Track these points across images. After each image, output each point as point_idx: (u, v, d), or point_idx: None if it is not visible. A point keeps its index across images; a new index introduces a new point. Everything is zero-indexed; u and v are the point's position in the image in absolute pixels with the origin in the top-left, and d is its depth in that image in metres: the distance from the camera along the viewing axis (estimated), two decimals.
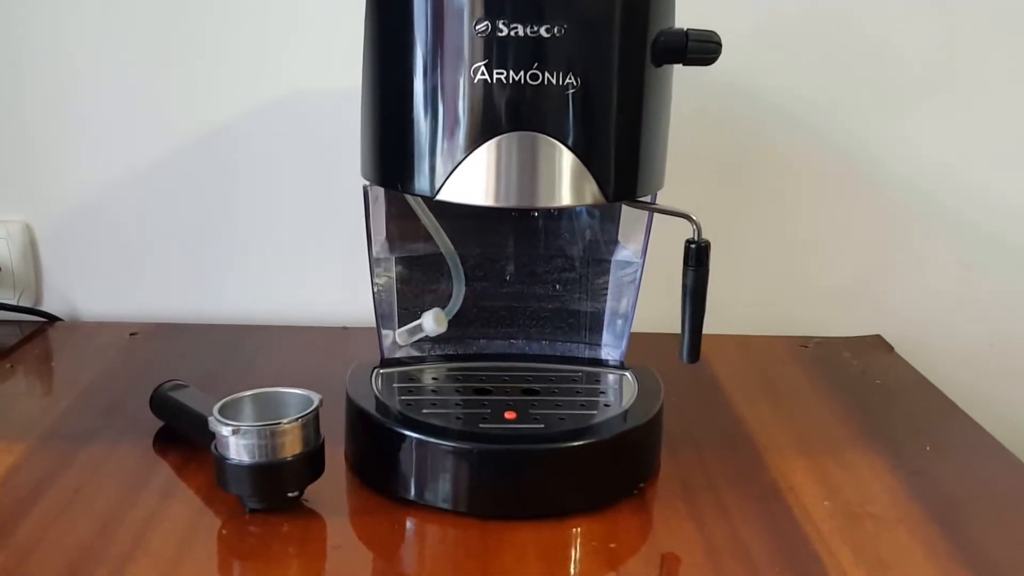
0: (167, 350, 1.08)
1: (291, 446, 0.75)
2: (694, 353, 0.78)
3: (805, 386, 1.03)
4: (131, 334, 1.11)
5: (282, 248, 1.15)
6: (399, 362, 0.89)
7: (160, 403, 0.88)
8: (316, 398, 0.77)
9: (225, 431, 0.73)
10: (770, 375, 1.06)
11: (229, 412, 0.76)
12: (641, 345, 0.92)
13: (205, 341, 1.10)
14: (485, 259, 0.92)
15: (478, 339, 0.94)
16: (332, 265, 1.15)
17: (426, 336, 0.90)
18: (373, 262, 0.86)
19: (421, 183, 0.73)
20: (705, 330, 0.77)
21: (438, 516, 0.76)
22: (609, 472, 0.78)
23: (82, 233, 1.14)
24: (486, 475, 0.76)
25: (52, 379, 1.03)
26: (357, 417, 0.82)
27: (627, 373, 0.88)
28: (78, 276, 1.16)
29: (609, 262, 0.90)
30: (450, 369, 0.89)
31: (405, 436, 0.77)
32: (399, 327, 0.91)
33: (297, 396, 0.78)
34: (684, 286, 0.77)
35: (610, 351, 0.91)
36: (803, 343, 1.15)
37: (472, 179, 0.71)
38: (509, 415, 0.80)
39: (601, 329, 0.92)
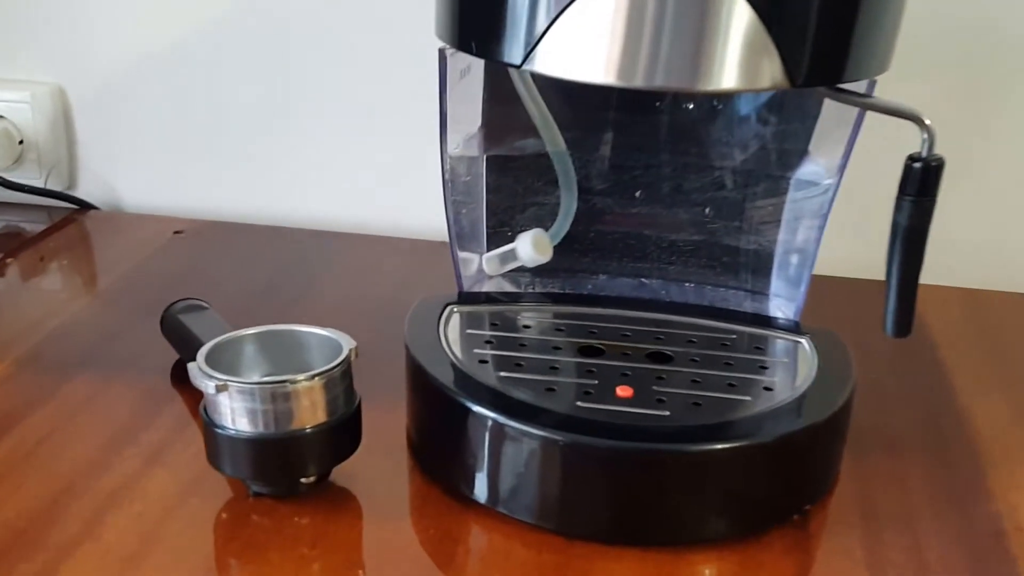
0: (214, 254, 0.87)
1: (309, 413, 0.53)
2: (904, 323, 0.52)
3: None
4: (176, 232, 0.91)
5: (355, 137, 0.92)
6: (483, 299, 0.66)
7: (171, 328, 0.68)
8: (348, 345, 0.55)
9: (209, 387, 0.51)
10: (1011, 351, 0.77)
11: (225, 358, 0.54)
12: (821, 295, 0.65)
13: (261, 246, 0.89)
14: (609, 165, 0.67)
15: (594, 275, 0.70)
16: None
17: (522, 267, 0.66)
18: (450, 161, 0.62)
19: (508, 46, 0.48)
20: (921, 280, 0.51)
21: (510, 528, 0.53)
22: (760, 489, 0.54)
23: (127, 104, 0.94)
24: (578, 479, 0.52)
25: (75, 277, 0.84)
26: (414, 375, 0.59)
27: (803, 340, 0.62)
28: (120, 156, 0.97)
29: (789, 180, 0.64)
30: (552, 315, 0.65)
31: (470, 410, 0.54)
32: (487, 251, 0.67)
33: (323, 339, 0.56)
34: (896, 224, 0.50)
35: (781, 305, 0.65)
36: None
37: (584, 43, 0.46)
38: (622, 392, 0.55)
39: (769, 273, 0.66)
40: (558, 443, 0.51)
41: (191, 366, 0.52)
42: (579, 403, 0.54)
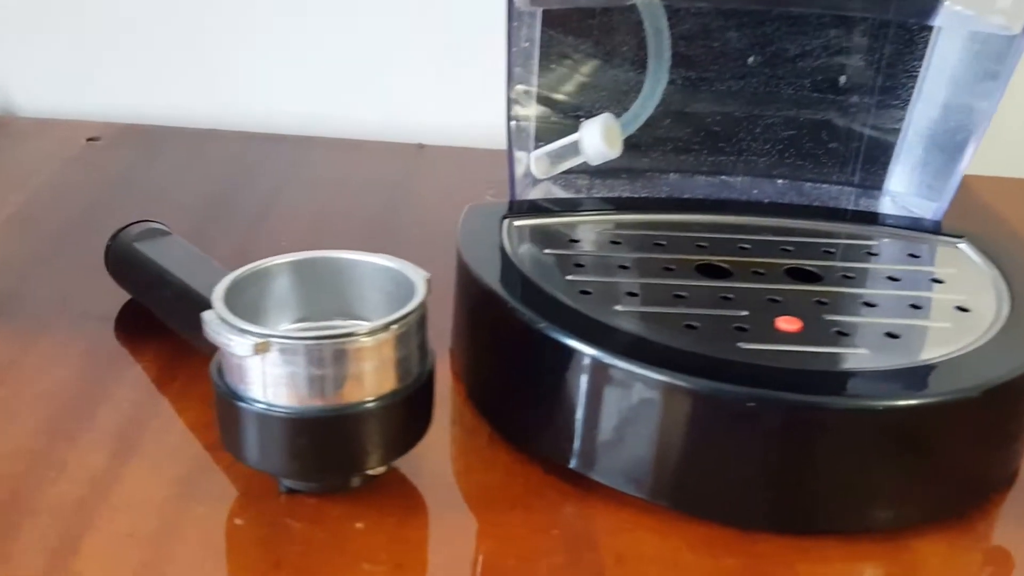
0: (144, 168, 0.68)
1: (377, 379, 0.36)
2: None
3: None
4: (89, 139, 0.72)
5: (308, 19, 0.74)
6: (541, 208, 0.50)
7: (123, 263, 0.49)
8: (420, 279, 0.38)
9: (243, 345, 0.34)
10: None
11: (241, 302, 0.37)
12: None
13: (201, 156, 0.71)
14: (698, 27, 0.52)
15: (663, 175, 0.55)
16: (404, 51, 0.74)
17: (578, 167, 0.50)
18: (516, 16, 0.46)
19: None
20: None
21: (659, 522, 0.39)
22: (993, 445, 0.40)
23: None
24: (775, 451, 0.38)
25: None
26: (485, 316, 0.43)
27: (963, 244, 0.49)
28: (7, 49, 0.76)
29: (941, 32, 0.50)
30: (639, 226, 0.49)
31: (595, 361, 0.38)
32: (534, 147, 0.51)
33: (376, 270, 0.39)
34: None
35: (921, 203, 0.52)
36: None
37: None
38: (786, 324, 0.41)
39: (891, 164, 0.53)
40: (738, 402, 0.37)
41: (207, 315, 0.35)
42: (740, 344, 0.39)
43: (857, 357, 0.39)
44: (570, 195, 0.52)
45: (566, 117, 0.52)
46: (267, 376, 0.35)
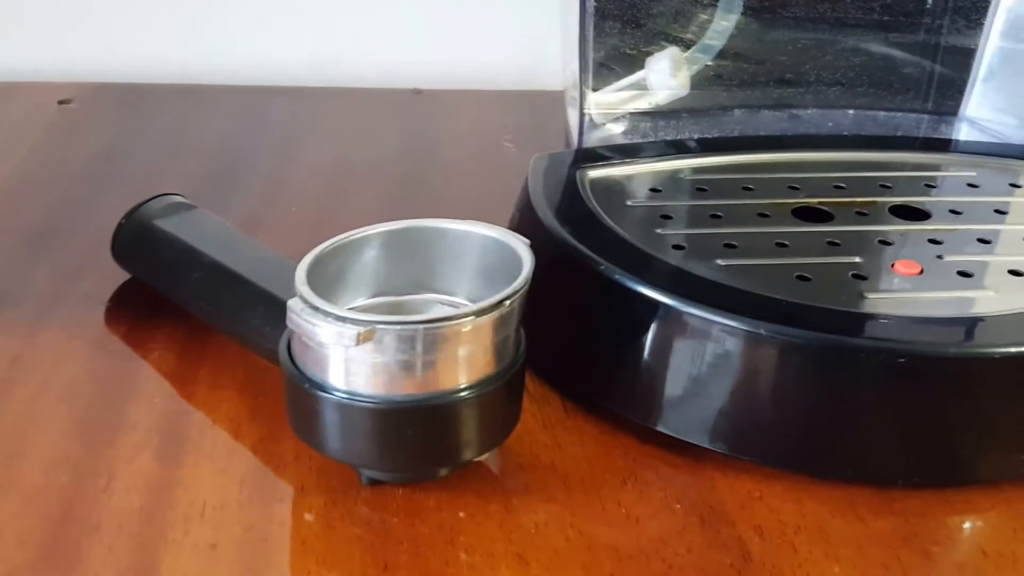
0: (131, 132, 0.64)
1: (474, 365, 0.33)
2: None
3: None
4: (60, 102, 0.67)
5: None
6: (609, 157, 0.46)
7: (139, 244, 0.45)
8: (525, 248, 0.35)
9: (345, 336, 0.30)
10: None
11: (323, 279, 0.34)
12: None
13: (191, 116, 0.66)
14: None
15: (728, 111, 0.51)
16: None
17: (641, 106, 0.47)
18: None
19: None
20: None
21: (787, 487, 0.36)
22: None
23: None
24: (921, 405, 0.34)
25: None
26: (567, 273, 0.40)
27: None
28: None
29: None
30: (721, 169, 0.46)
31: (707, 322, 0.35)
32: (592, 85, 0.47)
33: (469, 238, 0.36)
34: None
35: (1010, 128, 0.49)
36: None
37: None
38: (905, 268, 0.38)
39: (992, 86, 0.49)
40: (884, 358, 0.33)
41: (293, 303, 0.31)
42: (866, 294, 0.36)
43: (986, 300, 0.36)
44: (635, 140, 0.48)
45: (628, 55, 0.48)
46: (365, 365, 0.32)
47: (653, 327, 0.36)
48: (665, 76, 0.45)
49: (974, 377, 0.34)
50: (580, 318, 0.40)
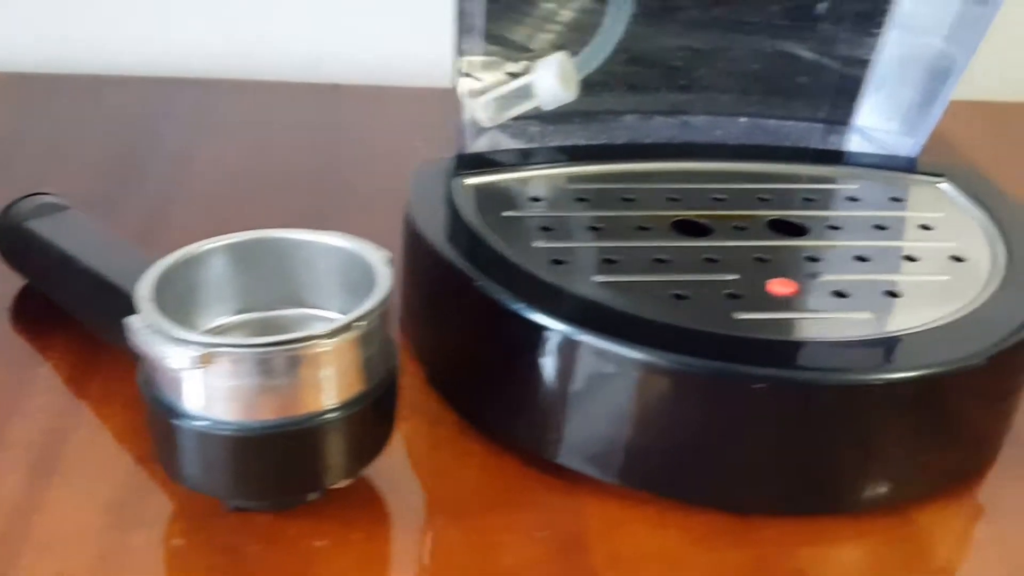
0: (28, 125, 0.60)
1: (338, 386, 0.31)
2: None
3: None
4: None
5: None
6: (491, 162, 0.45)
7: (15, 246, 0.43)
8: (383, 262, 0.33)
9: (184, 358, 0.29)
10: None
11: (173, 294, 0.32)
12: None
13: (95, 108, 0.63)
14: None
15: (618, 116, 0.50)
16: None
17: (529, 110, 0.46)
18: None
19: None
20: None
21: (656, 512, 0.35)
22: (984, 416, 0.38)
23: None
24: (787, 433, 0.34)
25: None
26: (445, 287, 0.38)
27: (943, 183, 0.46)
28: None
29: None
30: (603, 178, 0.45)
31: (580, 345, 0.34)
32: (474, 89, 0.46)
33: (329, 251, 0.34)
34: None
35: (896, 139, 0.49)
36: None
37: None
38: (780, 287, 0.37)
39: (883, 97, 0.49)
40: (748, 384, 0.33)
41: (132, 321, 0.30)
42: (736, 314, 0.36)
43: (862, 323, 0.36)
44: (521, 145, 0.47)
45: (517, 58, 0.47)
46: (217, 391, 0.30)
47: (526, 346, 0.35)
48: (552, 81, 0.44)
49: (837, 406, 0.33)
50: (462, 335, 0.39)
